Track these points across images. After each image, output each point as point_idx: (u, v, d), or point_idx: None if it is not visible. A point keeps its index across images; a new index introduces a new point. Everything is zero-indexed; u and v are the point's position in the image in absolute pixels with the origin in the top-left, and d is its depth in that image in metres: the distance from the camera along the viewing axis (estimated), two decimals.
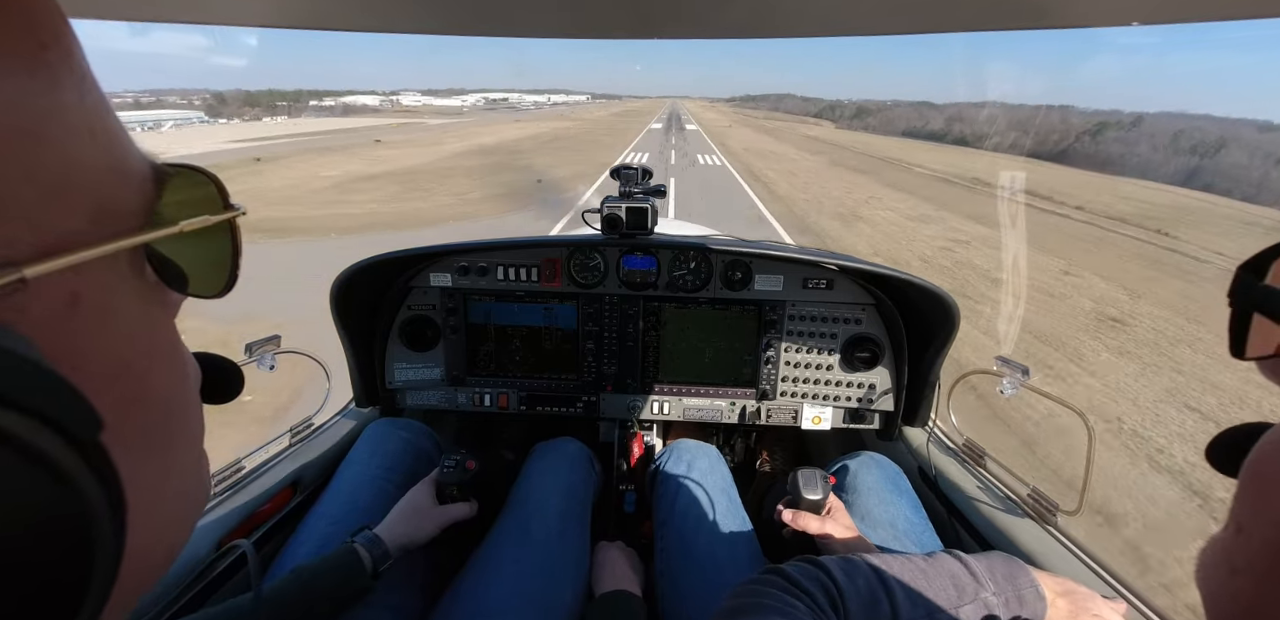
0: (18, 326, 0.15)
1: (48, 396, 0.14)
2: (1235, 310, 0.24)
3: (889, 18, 0.53)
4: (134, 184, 0.21)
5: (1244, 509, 0.23)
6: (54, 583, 0.15)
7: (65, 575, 0.15)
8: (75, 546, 0.15)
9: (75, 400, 0.15)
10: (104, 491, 0.16)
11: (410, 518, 0.87)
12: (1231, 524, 0.23)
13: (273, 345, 1.02)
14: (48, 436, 0.14)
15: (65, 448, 0.14)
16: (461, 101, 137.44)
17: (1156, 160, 35.88)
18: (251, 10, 0.51)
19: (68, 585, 0.15)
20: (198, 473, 0.25)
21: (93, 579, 0.15)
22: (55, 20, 0.18)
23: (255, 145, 26.76)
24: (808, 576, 0.58)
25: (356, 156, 21.09)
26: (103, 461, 0.16)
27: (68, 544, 0.15)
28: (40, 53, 0.17)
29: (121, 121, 0.20)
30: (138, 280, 0.21)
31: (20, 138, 0.16)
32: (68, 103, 0.18)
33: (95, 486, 0.15)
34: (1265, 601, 0.21)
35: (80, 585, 0.15)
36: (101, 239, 0.18)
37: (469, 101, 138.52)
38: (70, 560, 0.15)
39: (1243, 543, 0.22)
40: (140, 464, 0.17)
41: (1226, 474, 0.25)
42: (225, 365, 0.29)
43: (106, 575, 0.16)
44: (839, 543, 0.84)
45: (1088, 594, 0.63)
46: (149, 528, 0.18)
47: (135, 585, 0.20)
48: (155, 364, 0.22)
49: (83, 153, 0.18)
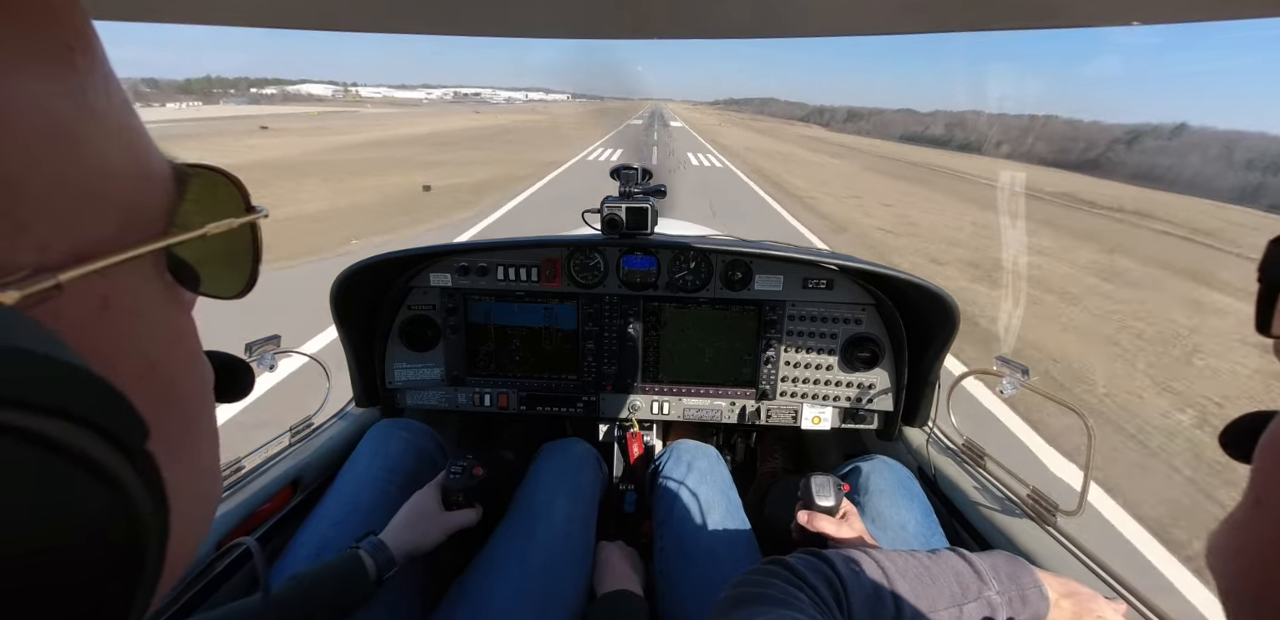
0: (55, 332, 0.15)
1: (98, 405, 0.14)
2: (1264, 286, 0.23)
3: (889, 18, 0.52)
4: (158, 186, 0.21)
5: (1261, 487, 0.23)
6: (106, 592, 0.15)
7: (117, 583, 0.15)
8: (127, 554, 0.15)
9: (124, 408, 0.15)
10: (151, 498, 0.16)
11: (415, 524, 0.86)
12: (1247, 502, 0.23)
13: (272, 345, 1.02)
14: (101, 446, 0.14)
15: (117, 456, 0.14)
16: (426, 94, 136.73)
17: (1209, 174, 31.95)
18: (248, 10, 0.51)
19: (118, 592, 0.15)
20: (213, 473, 0.25)
21: (141, 584, 0.16)
22: (81, 24, 0.18)
23: None
24: (812, 569, 0.57)
25: (212, 147, 16.13)
26: (150, 468, 0.16)
27: (121, 552, 0.15)
28: (69, 56, 0.17)
29: (142, 122, 0.20)
30: (160, 282, 0.21)
31: (53, 142, 0.16)
32: (96, 106, 0.18)
33: (144, 494, 0.15)
34: (1276, 577, 0.21)
35: (130, 590, 0.15)
36: (130, 243, 0.18)
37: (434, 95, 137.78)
38: (122, 568, 0.15)
39: (1257, 520, 0.23)
40: (170, 467, 0.18)
41: (1241, 460, 0.25)
42: (235, 363, 0.29)
43: (151, 579, 0.16)
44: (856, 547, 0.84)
45: (1091, 595, 0.63)
46: (177, 530, 0.18)
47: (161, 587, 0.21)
48: (179, 365, 0.22)
49: (111, 156, 0.18)
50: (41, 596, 0.13)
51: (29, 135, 0.15)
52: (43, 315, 0.15)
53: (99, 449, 0.14)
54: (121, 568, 0.15)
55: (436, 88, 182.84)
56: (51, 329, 0.15)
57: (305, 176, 10.72)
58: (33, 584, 0.13)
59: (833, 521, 0.85)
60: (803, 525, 0.85)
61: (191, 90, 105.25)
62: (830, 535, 0.83)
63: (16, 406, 0.12)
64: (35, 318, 0.14)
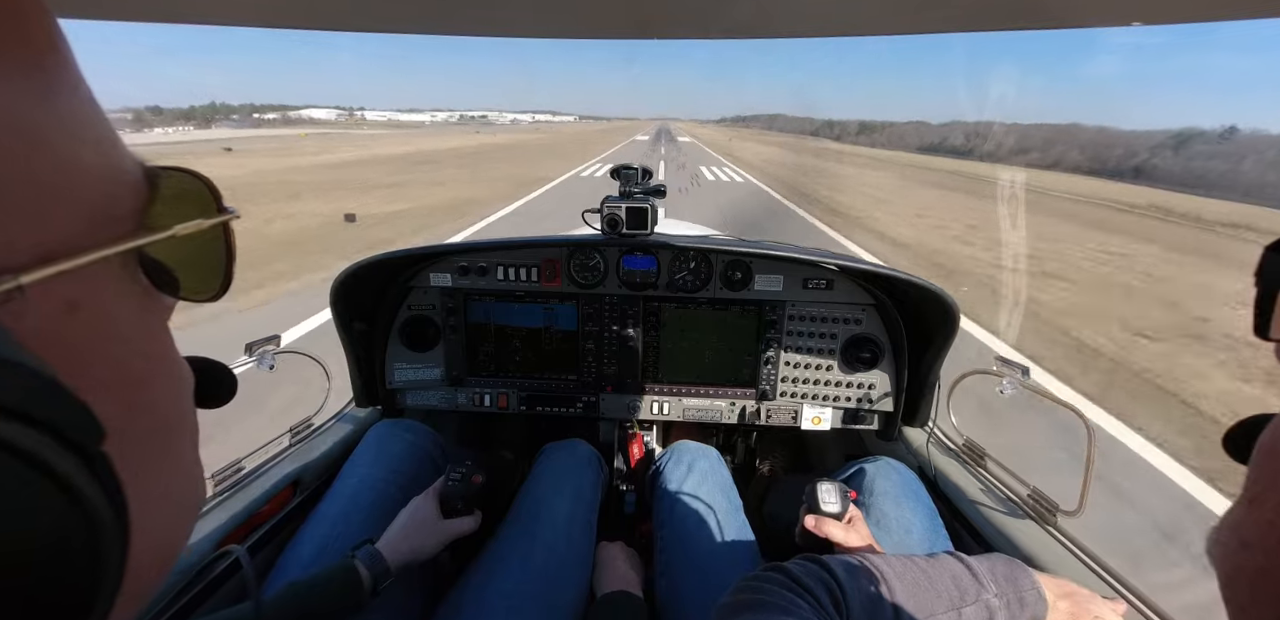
0: (16, 334, 0.15)
1: (48, 406, 0.14)
2: (1261, 289, 0.24)
3: (889, 18, 0.52)
4: (128, 187, 0.21)
5: (1256, 485, 0.24)
6: (62, 595, 0.14)
7: (73, 587, 0.15)
8: (82, 558, 0.15)
9: (76, 409, 0.15)
10: (108, 501, 0.15)
11: (413, 534, 0.85)
12: (1244, 499, 0.24)
13: (272, 345, 1.02)
14: (51, 447, 0.14)
15: (69, 458, 0.14)
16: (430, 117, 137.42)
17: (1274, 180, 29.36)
18: (245, 10, 0.51)
19: (75, 597, 0.15)
20: (193, 477, 0.25)
21: (100, 589, 0.15)
22: (50, 26, 0.18)
23: None
24: (810, 574, 0.57)
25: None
26: (106, 470, 0.16)
27: (74, 556, 0.14)
28: (37, 58, 0.17)
29: (112, 124, 0.20)
30: (132, 285, 0.21)
31: (19, 141, 0.16)
32: (64, 107, 0.18)
33: (100, 496, 0.15)
34: (1273, 572, 0.22)
35: (88, 596, 0.15)
36: (98, 244, 0.18)
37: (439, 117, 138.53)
38: (78, 571, 0.15)
39: (1254, 517, 0.23)
40: (139, 470, 0.18)
41: (1242, 461, 0.26)
42: (217, 369, 0.29)
43: (112, 584, 0.16)
44: (856, 553, 0.83)
45: (1088, 595, 0.63)
46: (148, 534, 0.18)
47: (136, 592, 0.20)
48: (153, 369, 0.22)
49: (80, 156, 0.18)
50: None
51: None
52: (4, 316, 0.15)
53: (49, 450, 0.14)
54: (78, 570, 0.15)
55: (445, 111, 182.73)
56: (9, 330, 0.14)
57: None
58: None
59: (841, 527, 0.84)
60: (809, 530, 0.85)
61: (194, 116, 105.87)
62: (838, 541, 0.83)
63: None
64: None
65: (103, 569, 0.15)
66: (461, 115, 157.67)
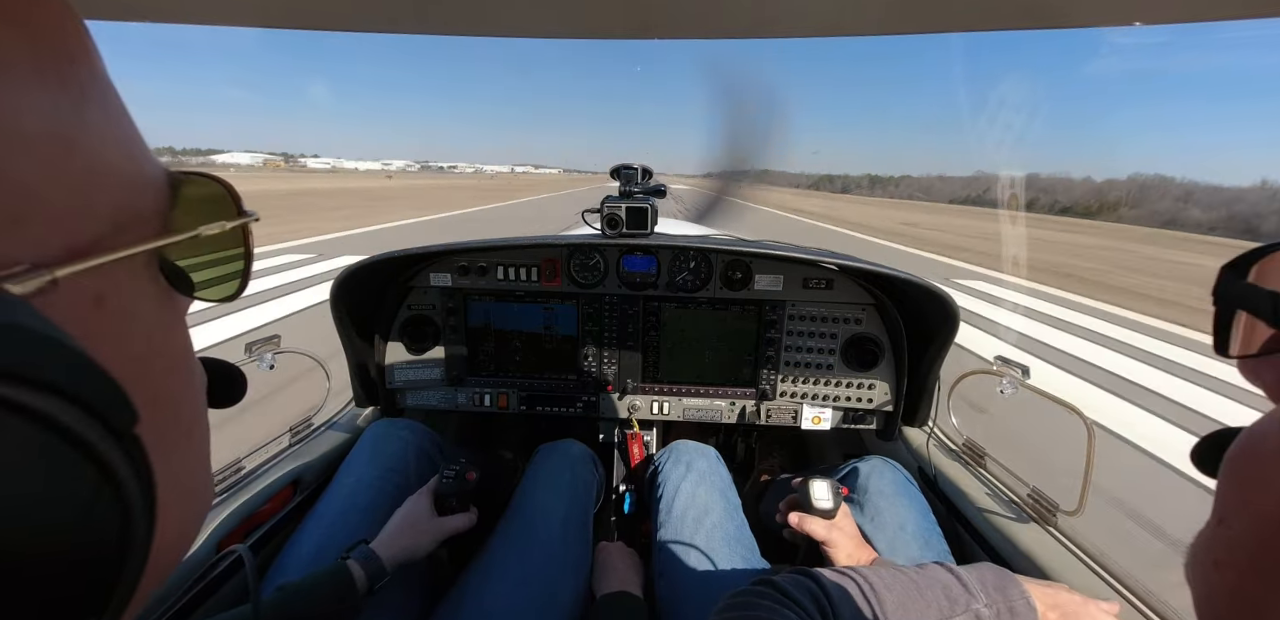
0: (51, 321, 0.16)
1: (89, 385, 0.15)
2: (1219, 309, 0.24)
3: (889, 18, 0.52)
4: (152, 190, 0.22)
5: (1224, 503, 0.24)
6: (89, 575, 0.15)
7: (101, 568, 0.15)
8: (111, 538, 0.15)
9: (113, 389, 0.15)
10: (140, 485, 0.16)
11: (407, 532, 0.86)
12: (1214, 518, 0.24)
13: (272, 345, 1.02)
14: (88, 424, 0.14)
15: (106, 437, 0.15)
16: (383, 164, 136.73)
17: None
18: (245, 10, 0.51)
19: (101, 577, 0.15)
20: (204, 473, 0.26)
21: (124, 573, 0.16)
22: (81, 34, 0.19)
23: None
24: (798, 587, 0.57)
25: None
26: (139, 452, 0.16)
27: (105, 534, 0.15)
28: (69, 66, 0.18)
29: (138, 129, 0.21)
30: (153, 284, 0.22)
31: (54, 145, 0.17)
32: (96, 114, 0.19)
33: (133, 479, 0.16)
34: (1245, 592, 0.22)
35: (112, 578, 0.15)
36: (124, 243, 0.19)
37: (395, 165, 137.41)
38: (108, 552, 0.15)
39: (1224, 535, 0.23)
40: (157, 461, 0.18)
41: (1210, 475, 0.25)
42: (229, 370, 0.30)
43: (136, 570, 0.16)
44: (842, 550, 0.84)
45: (1081, 602, 0.63)
46: (165, 525, 0.18)
47: (149, 583, 0.21)
48: (170, 365, 0.22)
49: (108, 159, 0.19)
50: (22, 576, 0.13)
51: (31, 139, 0.16)
52: (39, 309, 0.16)
53: (89, 428, 0.14)
54: (107, 551, 0.15)
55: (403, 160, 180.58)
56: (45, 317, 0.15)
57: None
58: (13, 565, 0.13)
59: (823, 524, 0.85)
60: (793, 527, 0.85)
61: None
62: (820, 538, 0.83)
63: (12, 380, 0.13)
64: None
65: (130, 551, 0.16)
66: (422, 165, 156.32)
